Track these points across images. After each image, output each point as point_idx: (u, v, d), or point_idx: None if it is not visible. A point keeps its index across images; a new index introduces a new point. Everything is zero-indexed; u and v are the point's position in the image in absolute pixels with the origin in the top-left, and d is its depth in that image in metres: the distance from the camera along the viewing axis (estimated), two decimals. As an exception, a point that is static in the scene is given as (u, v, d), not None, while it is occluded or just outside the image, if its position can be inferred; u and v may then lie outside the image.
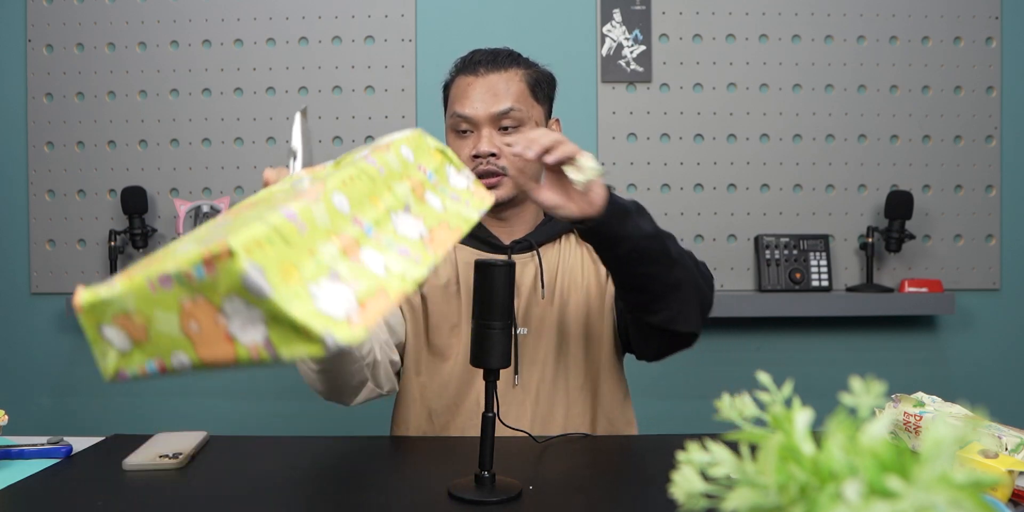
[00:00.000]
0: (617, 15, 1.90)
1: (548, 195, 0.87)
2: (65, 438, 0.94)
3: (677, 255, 0.91)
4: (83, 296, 0.45)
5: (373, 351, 0.99)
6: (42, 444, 0.92)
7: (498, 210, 1.13)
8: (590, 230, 0.87)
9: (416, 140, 0.69)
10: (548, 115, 1.16)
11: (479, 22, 1.92)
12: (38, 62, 1.92)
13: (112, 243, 1.85)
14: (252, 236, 0.42)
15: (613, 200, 0.87)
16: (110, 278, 0.47)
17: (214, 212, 1.90)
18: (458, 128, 1.07)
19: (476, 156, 1.05)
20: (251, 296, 0.41)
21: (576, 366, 1.11)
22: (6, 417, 0.94)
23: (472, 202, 0.71)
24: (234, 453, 0.93)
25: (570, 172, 0.83)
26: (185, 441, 0.95)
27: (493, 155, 1.04)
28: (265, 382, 1.94)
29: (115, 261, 1.86)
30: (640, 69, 1.91)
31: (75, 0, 1.91)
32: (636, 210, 0.89)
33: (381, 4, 1.91)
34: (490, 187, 1.07)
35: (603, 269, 1.13)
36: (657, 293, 0.92)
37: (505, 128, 1.05)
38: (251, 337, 0.42)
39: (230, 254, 0.41)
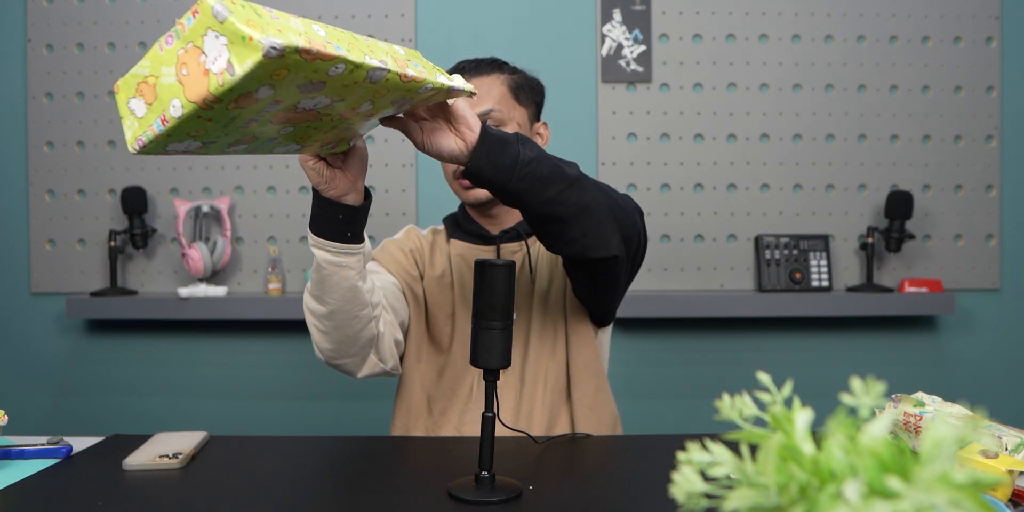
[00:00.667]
0: (617, 15, 1.90)
1: (432, 138, 0.84)
2: (65, 438, 0.94)
3: (576, 176, 0.89)
4: (119, 80, 0.62)
5: (381, 305, 1.02)
6: (42, 444, 0.92)
7: (486, 208, 1.18)
8: (478, 167, 0.84)
9: (413, 52, 0.75)
10: (535, 119, 1.19)
11: (479, 22, 1.92)
12: (38, 62, 1.92)
13: (112, 243, 1.85)
14: None
15: (490, 130, 0.85)
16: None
17: (214, 212, 1.90)
18: None
19: None
20: (217, 23, 0.55)
21: (559, 344, 1.15)
22: (6, 417, 0.94)
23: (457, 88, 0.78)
24: (234, 453, 0.93)
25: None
26: (185, 441, 0.95)
27: None
28: (265, 382, 1.94)
29: (115, 261, 1.86)
30: (640, 69, 1.91)
31: (75, 0, 1.91)
32: (517, 139, 0.86)
33: (381, 4, 1.91)
34: (472, 187, 1.11)
35: None
36: (567, 220, 0.89)
37: None
38: (219, 65, 0.55)
39: None
